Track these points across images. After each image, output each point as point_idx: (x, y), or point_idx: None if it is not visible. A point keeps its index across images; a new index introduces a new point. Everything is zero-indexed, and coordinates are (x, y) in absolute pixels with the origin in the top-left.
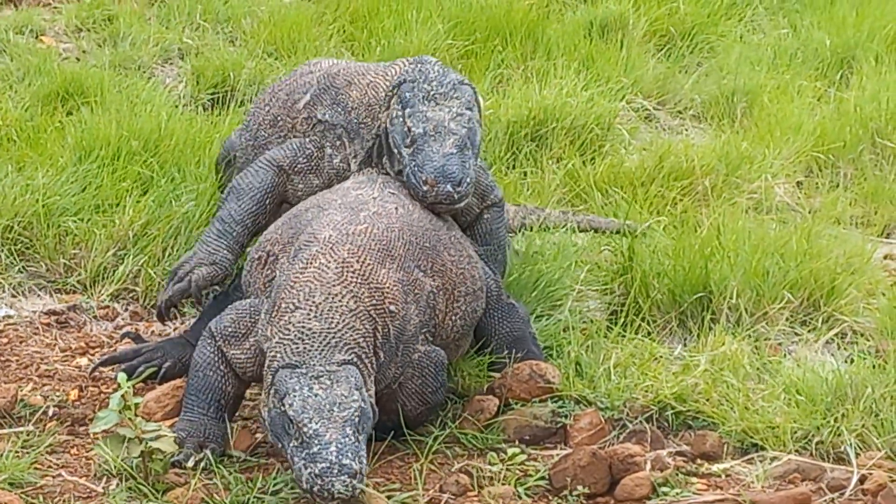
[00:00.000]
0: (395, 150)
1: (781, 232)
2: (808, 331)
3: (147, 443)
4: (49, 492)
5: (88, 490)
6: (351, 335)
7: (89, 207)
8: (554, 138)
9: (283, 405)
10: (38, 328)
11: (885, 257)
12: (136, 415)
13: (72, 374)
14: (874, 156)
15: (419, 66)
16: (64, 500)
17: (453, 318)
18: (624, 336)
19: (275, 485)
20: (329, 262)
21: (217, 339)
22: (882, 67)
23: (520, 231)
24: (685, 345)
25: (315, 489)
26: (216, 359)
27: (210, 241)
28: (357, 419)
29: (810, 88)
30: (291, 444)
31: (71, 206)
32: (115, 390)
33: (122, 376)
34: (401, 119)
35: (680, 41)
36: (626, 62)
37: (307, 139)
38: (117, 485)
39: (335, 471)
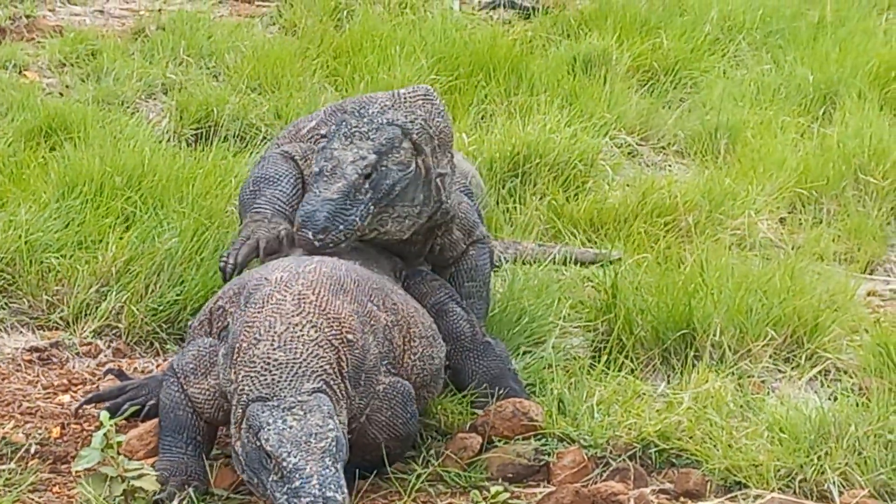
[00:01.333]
0: None
1: (765, 268)
2: (792, 368)
3: (130, 482)
4: None
5: None
6: (317, 363)
7: (72, 244)
8: (537, 174)
9: (259, 440)
10: (20, 365)
11: (869, 294)
12: (118, 453)
13: (54, 411)
14: (857, 192)
15: (384, 98)
16: None
17: (412, 356)
18: (607, 373)
19: None
20: (285, 296)
21: (179, 375)
22: (865, 103)
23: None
24: (668, 382)
25: None
26: (181, 397)
27: (258, 212)
28: (335, 449)
29: (793, 124)
30: (271, 479)
31: (53, 242)
32: (98, 428)
33: (104, 414)
34: (321, 149)
35: (663, 76)
36: (610, 98)
37: (313, 144)
38: None
39: None
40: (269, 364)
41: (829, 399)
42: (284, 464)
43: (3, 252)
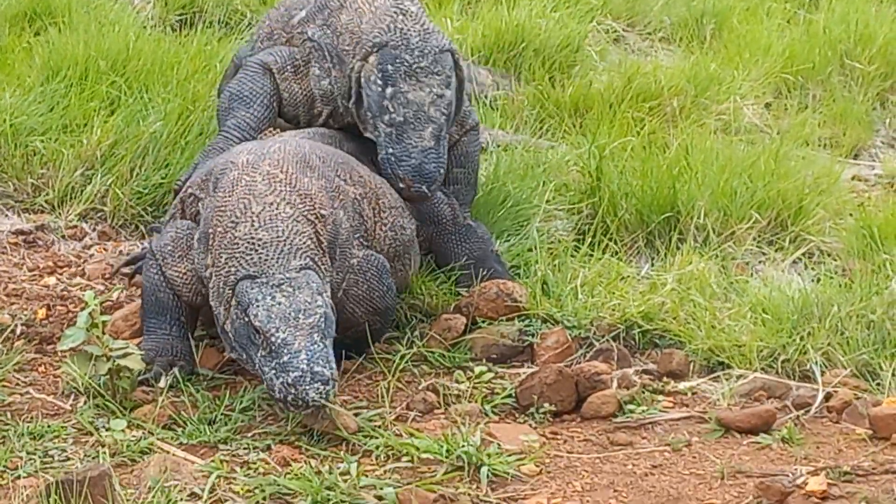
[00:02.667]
0: (370, 117)
1: (749, 152)
2: (776, 250)
3: (115, 361)
4: (17, 409)
5: (56, 407)
6: (300, 239)
7: (57, 127)
8: (524, 60)
9: (248, 316)
10: (5, 248)
11: (853, 178)
12: (103, 333)
13: (40, 293)
14: (843, 77)
15: (400, 23)
16: (31, 418)
17: (383, 228)
18: (591, 255)
19: (242, 402)
20: (254, 177)
21: (157, 257)
22: None
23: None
24: (652, 264)
25: (289, 398)
26: (161, 279)
27: (227, 136)
28: (323, 324)
29: (780, 10)
30: (259, 355)
31: (39, 126)
32: (83, 309)
33: (89, 294)
34: (380, 90)
35: None
36: None
37: (297, 50)
38: (85, 402)
39: (308, 379)
40: (253, 243)
41: (813, 281)
42: (273, 339)
43: None
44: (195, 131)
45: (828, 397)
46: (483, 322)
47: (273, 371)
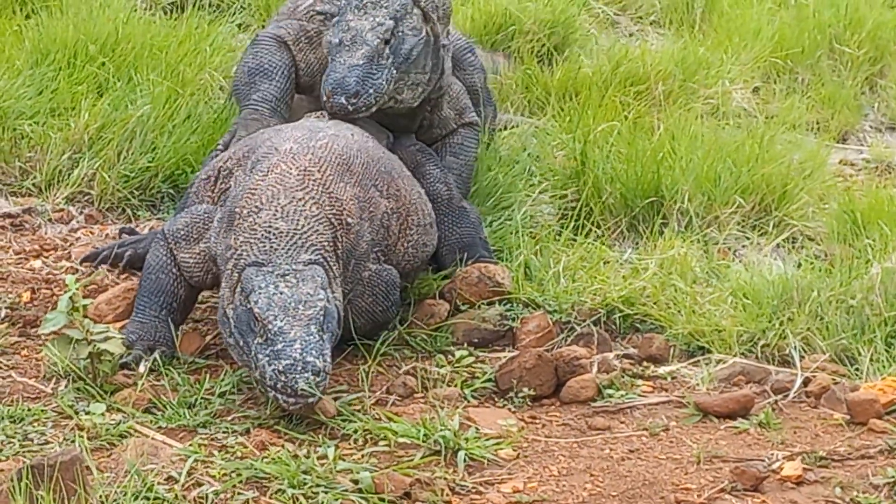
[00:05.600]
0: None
1: (735, 137)
2: (759, 235)
3: (95, 344)
4: None
5: (37, 391)
6: (316, 237)
7: (45, 111)
8: (514, 43)
9: (249, 302)
10: None
11: (841, 162)
12: (85, 316)
13: (25, 276)
14: (832, 61)
15: None
16: (12, 401)
17: (405, 244)
18: (574, 240)
19: (222, 386)
20: (291, 169)
21: (169, 241)
22: None
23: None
24: (635, 249)
25: (279, 386)
26: (168, 261)
27: (255, 109)
28: (322, 318)
29: None
30: (256, 342)
31: (27, 109)
32: (66, 292)
33: (70, 278)
34: (335, 23)
35: None
36: None
37: (306, 23)
38: (65, 386)
39: (299, 367)
40: (269, 232)
41: (795, 266)
42: (270, 326)
43: None
44: (182, 115)
45: (806, 382)
46: (465, 307)
47: (267, 358)
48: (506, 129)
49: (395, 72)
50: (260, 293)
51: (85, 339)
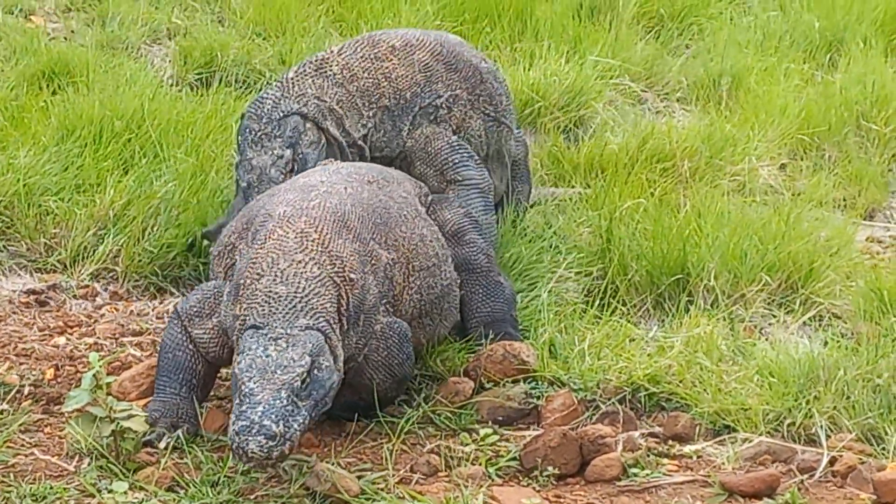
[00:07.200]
0: None
1: (761, 214)
2: (785, 313)
3: (118, 422)
4: (20, 470)
5: (60, 469)
6: (317, 301)
7: (70, 187)
8: (540, 119)
9: (235, 363)
10: (17, 307)
11: (867, 239)
12: (108, 394)
13: (49, 353)
14: (859, 138)
15: (266, 90)
16: (35, 479)
17: (410, 292)
18: (600, 317)
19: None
20: (288, 233)
21: (182, 318)
22: (869, 50)
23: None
24: (661, 326)
25: (234, 446)
26: (183, 339)
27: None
28: (298, 384)
29: (797, 71)
30: (235, 402)
31: (52, 185)
32: (90, 369)
33: (94, 355)
34: (238, 161)
35: (669, 22)
36: (615, 44)
37: None
38: (88, 464)
39: (253, 430)
40: (269, 296)
41: (821, 344)
42: (243, 388)
43: (2, 195)
44: (208, 190)
45: (832, 461)
46: (489, 384)
47: (233, 417)
48: (547, 201)
49: None
50: (247, 355)
51: (108, 417)
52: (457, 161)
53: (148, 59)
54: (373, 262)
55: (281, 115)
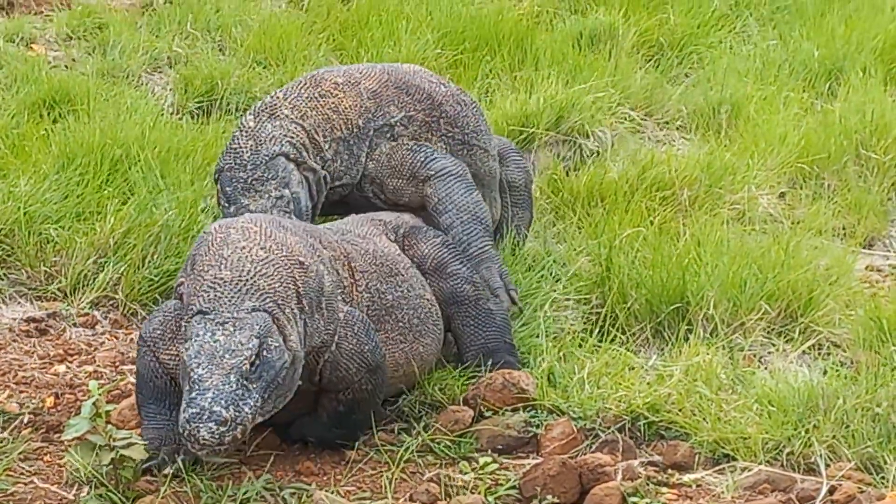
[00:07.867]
0: None
1: (761, 242)
2: (785, 341)
3: (118, 450)
4: (20, 499)
5: (59, 497)
6: (263, 282)
7: (71, 215)
8: (538, 147)
9: (184, 350)
10: (17, 335)
11: (867, 268)
12: (107, 422)
13: (49, 381)
14: (858, 167)
15: (235, 142)
16: None
17: (359, 289)
18: (599, 346)
19: (245, 492)
20: (228, 232)
21: (149, 343)
22: (869, 79)
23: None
24: (660, 355)
25: (185, 434)
26: (156, 365)
27: None
28: (247, 367)
29: (797, 100)
30: (185, 389)
31: (52, 213)
32: (90, 398)
33: (93, 384)
34: (229, 212)
35: (669, 52)
36: (615, 72)
37: None
38: (88, 492)
39: (204, 417)
40: (215, 283)
41: (821, 373)
42: (192, 374)
43: (2, 223)
44: (209, 218)
45: (832, 491)
46: (490, 413)
47: (183, 404)
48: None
49: None
50: (195, 341)
51: (108, 445)
52: (423, 159)
53: (148, 87)
54: (317, 253)
55: (266, 158)
